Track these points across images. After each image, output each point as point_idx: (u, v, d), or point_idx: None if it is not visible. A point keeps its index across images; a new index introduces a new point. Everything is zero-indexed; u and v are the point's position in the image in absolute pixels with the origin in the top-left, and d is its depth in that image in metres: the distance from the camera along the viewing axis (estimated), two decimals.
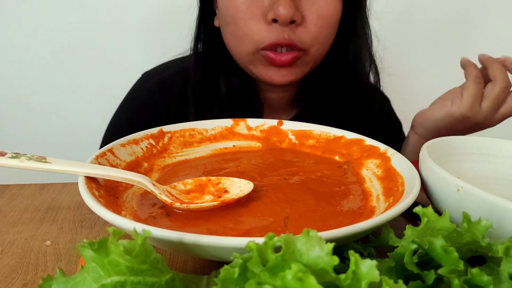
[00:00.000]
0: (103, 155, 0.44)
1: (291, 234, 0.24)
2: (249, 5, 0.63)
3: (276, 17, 0.61)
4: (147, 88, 0.79)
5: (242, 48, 0.67)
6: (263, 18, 0.63)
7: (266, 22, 0.63)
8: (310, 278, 0.21)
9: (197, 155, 0.53)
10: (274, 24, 0.63)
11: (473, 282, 0.25)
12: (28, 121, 1.23)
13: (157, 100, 0.78)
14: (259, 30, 0.63)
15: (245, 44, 0.66)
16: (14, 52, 1.18)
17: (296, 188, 0.43)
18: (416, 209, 0.31)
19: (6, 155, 0.39)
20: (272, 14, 0.61)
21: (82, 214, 0.46)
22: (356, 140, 0.52)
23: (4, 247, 0.39)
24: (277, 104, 0.79)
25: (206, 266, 0.37)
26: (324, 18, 0.64)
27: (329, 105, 0.77)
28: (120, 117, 0.81)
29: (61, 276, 0.24)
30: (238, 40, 0.66)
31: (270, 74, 0.67)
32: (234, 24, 0.65)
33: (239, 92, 0.74)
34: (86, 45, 1.19)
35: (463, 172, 0.49)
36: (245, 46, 0.66)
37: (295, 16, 0.61)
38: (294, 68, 0.67)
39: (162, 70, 0.82)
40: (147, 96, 0.78)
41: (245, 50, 0.67)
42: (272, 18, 0.62)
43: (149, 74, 0.82)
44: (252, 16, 0.63)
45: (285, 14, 0.60)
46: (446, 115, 0.66)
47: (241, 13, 0.63)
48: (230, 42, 0.69)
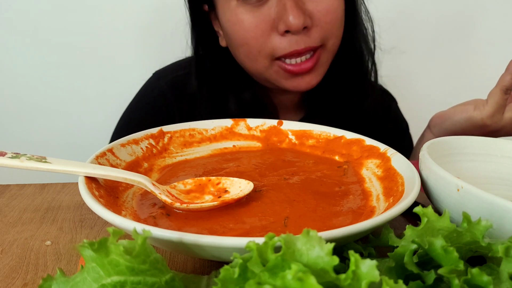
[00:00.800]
0: (103, 155, 0.44)
1: (291, 234, 0.24)
2: (257, 24, 0.62)
3: (288, 28, 0.61)
4: (159, 88, 0.79)
5: (259, 65, 0.67)
6: (274, 30, 0.63)
7: (279, 34, 0.63)
8: (310, 278, 0.21)
9: (197, 155, 0.53)
10: (287, 35, 0.62)
11: (473, 282, 0.25)
12: (28, 121, 1.23)
13: (169, 100, 0.78)
14: (273, 43, 0.63)
15: (260, 61, 0.66)
16: (14, 52, 1.18)
17: (296, 188, 0.43)
18: (416, 209, 0.31)
19: (6, 155, 0.39)
20: (284, 26, 0.61)
21: (82, 214, 0.46)
22: (356, 140, 0.52)
23: (4, 247, 0.39)
24: (289, 105, 0.79)
25: (206, 266, 0.37)
26: (332, 12, 0.64)
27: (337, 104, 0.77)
28: (131, 116, 0.81)
29: (61, 276, 0.24)
30: (253, 59, 0.66)
31: (294, 84, 0.68)
32: (246, 45, 0.65)
33: (252, 104, 0.74)
34: (87, 45, 1.18)
35: (463, 172, 0.49)
36: (260, 63, 0.66)
37: (306, 22, 0.61)
38: (316, 71, 0.67)
39: (174, 70, 0.82)
40: (159, 95, 0.79)
41: (262, 67, 0.67)
42: (284, 30, 0.61)
43: (160, 73, 0.82)
44: (263, 33, 0.63)
45: (297, 23, 0.60)
46: (467, 119, 0.65)
47: (251, 33, 0.63)
48: (245, 63, 0.69)
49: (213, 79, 0.75)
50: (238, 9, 0.63)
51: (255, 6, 0.62)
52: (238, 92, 0.74)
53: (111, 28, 1.18)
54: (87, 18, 1.17)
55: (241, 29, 0.64)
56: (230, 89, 0.74)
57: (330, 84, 0.76)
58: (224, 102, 0.74)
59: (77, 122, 1.24)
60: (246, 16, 0.63)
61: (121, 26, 1.18)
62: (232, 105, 0.74)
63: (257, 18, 0.62)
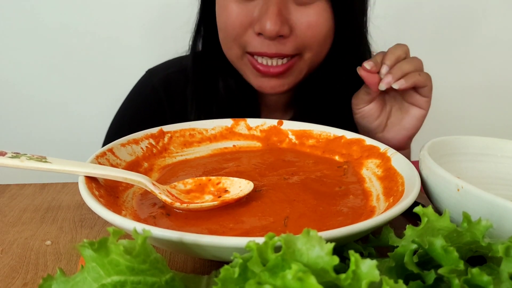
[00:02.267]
0: (103, 155, 0.44)
1: (291, 234, 0.24)
2: (239, 14, 0.63)
3: (262, 32, 0.60)
4: (151, 85, 0.79)
5: (232, 53, 0.67)
6: (251, 28, 0.63)
7: (254, 33, 0.63)
8: (310, 278, 0.21)
9: (197, 155, 0.53)
10: (261, 36, 0.62)
11: (473, 282, 0.25)
12: (29, 121, 1.23)
13: (161, 97, 0.78)
14: (246, 38, 0.64)
15: (233, 49, 0.66)
16: (14, 52, 1.18)
17: (296, 188, 0.43)
18: (416, 209, 0.31)
19: (6, 155, 0.39)
20: (258, 28, 0.61)
21: (82, 214, 0.46)
22: (356, 140, 0.52)
23: (4, 247, 0.39)
24: (274, 105, 0.79)
25: (206, 266, 0.37)
26: (315, 27, 0.63)
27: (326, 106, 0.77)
28: (124, 114, 0.81)
29: (61, 275, 0.24)
30: (228, 46, 0.67)
31: (259, 83, 0.67)
32: (224, 30, 0.66)
33: (236, 93, 0.75)
34: (86, 45, 1.18)
35: (463, 172, 0.49)
36: (233, 51, 0.67)
37: (281, 31, 0.60)
38: (285, 78, 0.66)
39: (166, 67, 0.82)
40: (152, 93, 0.79)
41: (234, 54, 0.67)
42: (258, 32, 0.61)
43: (153, 71, 0.83)
44: (240, 25, 0.63)
45: (271, 30, 0.59)
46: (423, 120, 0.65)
47: (230, 20, 0.64)
48: (222, 47, 0.70)
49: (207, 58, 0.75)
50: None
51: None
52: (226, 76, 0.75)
53: (111, 27, 1.18)
54: (87, 17, 1.17)
55: (223, 14, 0.65)
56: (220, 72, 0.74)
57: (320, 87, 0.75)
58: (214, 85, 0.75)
59: (77, 121, 1.24)
60: (232, 4, 0.63)
61: (122, 25, 1.18)
62: (221, 89, 0.74)
63: (240, 10, 0.63)
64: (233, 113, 0.66)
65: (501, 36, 1.32)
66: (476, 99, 1.37)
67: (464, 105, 1.36)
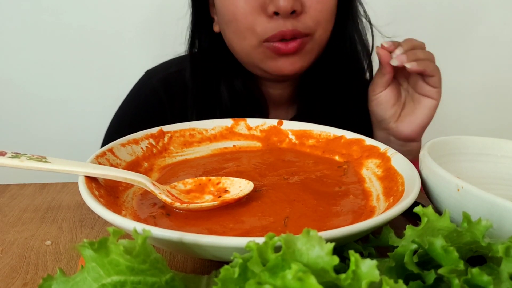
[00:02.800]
0: (103, 155, 0.44)
1: (291, 234, 0.24)
2: (247, 0, 0.63)
3: (277, 10, 0.61)
4: (151, 86, 0.79)
5: (246, 43, 0.67)
6: (263, 11, 0.63)
7: (267, 15, 0.63)
8: (310, 278, 0.21)
9: (197, 155, 0.53)
10: (276, 16, 0.63)
11: (473, 282, 0.25)
12: (29, 121, 1.23)
13: (161, 98, 0.78)
14: (261, 23, 0.64)
15: (247, 39, 0.66)
16: (14, 52, 1.18)
17: (296, 188, 0.43)
18: (416, 209, 0.31)
19: (6, 155, 0.39)
20: (273, 7, 0.62)
21: (82, 214, 0.46)
22: (356, 140, 0.52)
23: (4, 247, 0.39)
24: (279, 100, 0.79)
25: (206, 266, 0.37)
26: (323, 2, 0.65)
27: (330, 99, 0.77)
28: (124, 115, 0.81)
29: (61, 275, 0.24)
30: (241, 36, 0.67)
31: (279, 64, 0.67)
32: (234, 21, 0.65)
33: (243, 94, 0.74)
34: (86, 44, 1.18)
35: (463, 172, 0.49)
36: (248, 41, 0.66)
37: (295, 6, 0.61)
38: (301, 56, 0.67)
39: (166, 68, 0.82)
40: (151, 93, 0.79)
41: (248, 45, 0.67)
42: (273, 11, 0.62)
43: (152, 72, 0.83)
44: (252, 11, 0.63)
45: (286, 5, 0.60)
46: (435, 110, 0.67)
47: (240, 9, 0.64)
48: (232, 41, 0.69)
49: (207, 65, 0.75)
50: None
51: None
52: (230, 79, 0.74)
53: (111, 27, 1.18)
54: (87, 17, 1.17)
55: (232, 5, 0.65)
56: (222, 75, 0.74)
57: (322, 81, 0.76)
58: (216, 89, 0.74)
59: (77, 121, 1.24)
60: None
61: (122, 24, 1.18)
62: (224, 93, 0.74)
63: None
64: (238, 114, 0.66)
65: (501, 36, 1.32)
66: (476, 99, 1.37)
67: (464, 105, 1.36)
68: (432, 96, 0.65)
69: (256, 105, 0.76)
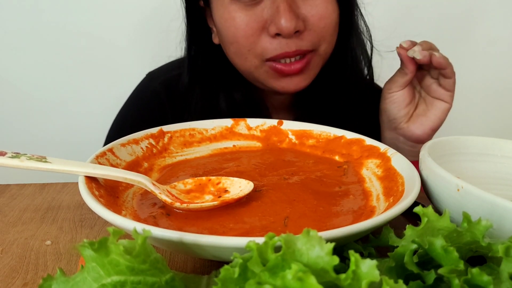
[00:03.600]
0: (103, 155, 0.44)
1: (291, 234, 0.24)
2: (248, 22, 0.62)
3: (279, 31, 0.60)
4: (152, 89, 0.79)
5: (248, 64, 0.66)
6: (265, 32, 0.62)
7: (269, 35, 0.62)
8: (310, 278, 0.21)
9: (197, 155, 0.53)
10: (278, 37, 0.62)
11: (473, 282, 0.25)
12: (29, 121, 1.23)
13: (162, 100, 0.78)
14: (263, 44, 0.63)
15: (249, 60, 0.65)
16: (14, 52, 1.18)
17: (296, 188, 0.43)
18: (416, 209, 0.31)
19: (6, 155, 0.39)
20: (275, 29, 0.61)
21: (82, 214, 0.46)
22: (356, 140, 0.52)
23: (4, 247, 0.39)
24: (279, 107, 0.79)
25: (206, 266, 0.37)
26: (326, 17, 0.64)
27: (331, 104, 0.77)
28: (126, 117, 0.81)
29: (61, 275, 0.24)
30: (242, 58, 0.66)
31: (283, 84, 0.67)
32: (236, 43, 0.65)
33: (242, 103, 0.74)
34: (87, 45, 1.18)
35: (463, 172, 0.49)
36: (250, 62, 0.66)
37: (298, 26, 0.60)
38: (306, 74, 0.67)
39: (167, 71, 0.82)
40: (152, 96, 0.79)
41: (251, 66, 0.66)
42: (275, 32, 0.61)
43: (153, 74, 0.82)
44: (253, 33, 0.63)
45: (288, 27, 0.59)
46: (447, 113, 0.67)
47: (241, 32, 0.63)
48: (235, 61, 0.69)
49: (205, 77, 0.74)
50: (231, 6, 0.63)
51: (248, 5, 0.62)
52: (229, 91, 0.74)
53: (111, 27, 1.18)
54: (87, 17, 1.17)
55: (232, 26, 0.64)
56: (221, 87, 0.74)
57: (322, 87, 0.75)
58: (215, 101, 0.74)
59: (77, 121, 1.24)
60: (238, 14, 0.62)
61: (121, 25, 1.18)
62: (222, 104, 0.74)
63: (249, 17, 0.62)
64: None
65: (501, 36, 1.32)
66: (476, 99, 1.37)
67: (464, 105, 1.36)
68: (445, 99, 0.65)
69: (257, 113, 0.75)
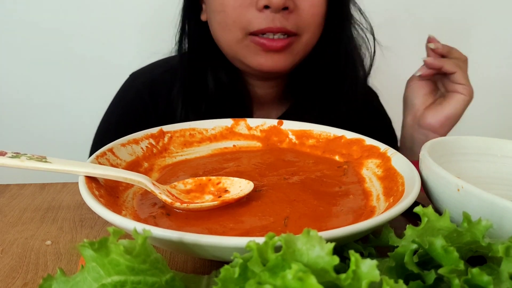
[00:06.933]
0: (103, 155, 0.44)
1: (291, 234, 0.24)
2: None
3: (269, 3, 0.61)
4: (135, 88, 0.79)
5: (230, 36, 0.66)
6: (253, 5, 0.63)
7: (257, 9, 0.62)
8: (310, 278, 0.21)
9: (197, 155, 0.53)
10: (265, 11, 0.62)
11: (473, 282, 0.25)
12: (29, 121, 1.23)
13: (145, 100, 0.77)
14: (249, 17, 0.63)
15: (233, 32, 0.65)
16: (13, 52, 1.18)
17: (296, 188, 0.43)
18: (416, 209, 0.31)
19: (6, 154, 0.39)
20: (264, 1, 0.61)
21: (82, 214, 0.46)
22: (356, 140, 0.52)
23: (4, 247, 0.39)
24: (265, 100, 0.79)
25: (206, 266, 0.37)
26: (316, 6, 0.65)
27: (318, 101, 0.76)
28: (110, 118, 0.80)
29: (61, 275, 0.24)
30: (226, 29, 0.66)
31: (261, 61, 0.67)
32: (222, 12, 0.65)
33: (227, 88, 0.74)
34: (86, 45, 1.18)
35: (463, 172, 0.49)
36: (233, 34, 0.65)
37: (287, 3, 0.61)
38: (285, 55, 0.67)
39: (150, 70, 0.82)
40: (136, 96, 0.78)
41: (233, 38, 0.66)
42: (264, 4, 0.61)
43: (136, 74, 0.82)
44: (241, 4, 0.63)
45: (278, 1, 0.60)
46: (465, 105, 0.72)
47: (230, 1, 0.63)
48: (217, 32, 0.68)
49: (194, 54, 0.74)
50: None
51: None
52: (216, 70, 0.74)
53: (110, 26, 1.18)
54: (87, 17, 1.17)
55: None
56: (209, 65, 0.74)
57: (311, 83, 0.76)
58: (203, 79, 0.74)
59: (77, 121, 1.24)
60: None
61: (120, 24, 1.18)
62: (210, 83, 0.74)
63: None
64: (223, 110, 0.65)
65: (501, 36, 1.32)
66: (476, 99, 1.37)
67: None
68: (459, 91, 0.70)
69: (240, 102, 0.75)
